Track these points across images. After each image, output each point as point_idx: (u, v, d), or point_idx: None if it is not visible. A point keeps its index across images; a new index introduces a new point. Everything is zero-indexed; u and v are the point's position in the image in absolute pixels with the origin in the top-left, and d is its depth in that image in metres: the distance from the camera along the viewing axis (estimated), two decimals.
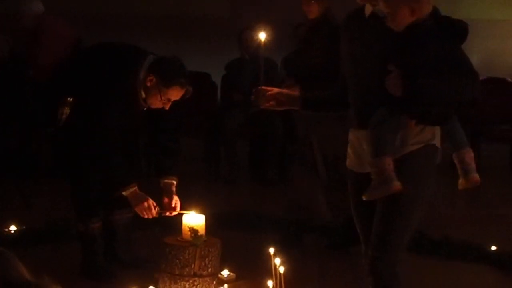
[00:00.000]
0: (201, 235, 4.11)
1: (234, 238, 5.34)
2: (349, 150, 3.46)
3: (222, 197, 5.53)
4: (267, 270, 4.21)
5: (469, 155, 3.43)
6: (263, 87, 3.64)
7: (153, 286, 4.25)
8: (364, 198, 3.31)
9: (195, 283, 4.07)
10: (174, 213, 4.53)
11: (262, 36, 4.58)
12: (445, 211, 6.61)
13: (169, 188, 4.62)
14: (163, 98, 4.42)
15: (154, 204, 4.47)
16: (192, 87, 4.49)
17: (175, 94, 4.43)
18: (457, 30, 3.25)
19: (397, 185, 3.17)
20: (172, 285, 4.09)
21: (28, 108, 7.19)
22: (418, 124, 3.23)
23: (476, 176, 3.46)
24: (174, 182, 4.64)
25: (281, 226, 5.44)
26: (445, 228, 5.84)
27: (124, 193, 4.45)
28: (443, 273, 4.92)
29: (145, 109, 4.57)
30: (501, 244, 5.31)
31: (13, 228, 5.45)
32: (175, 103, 4.51)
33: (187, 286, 4.07)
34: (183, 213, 4.32)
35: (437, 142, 3.33)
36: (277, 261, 4.14)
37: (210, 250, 4.12)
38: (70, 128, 4.55)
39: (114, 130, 4.46)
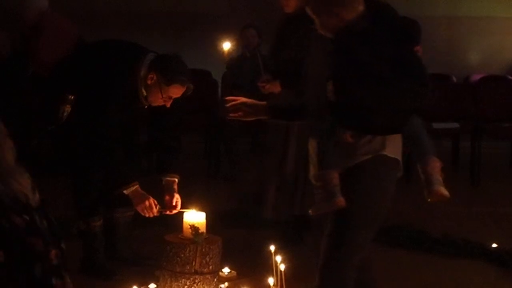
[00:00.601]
0: (202, 233, 4.11)
1: (235, 235, 5.34)
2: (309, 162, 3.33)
3: (223, 194, 5.53)
4: (268, 268, 4.22)
5: (432, 165, 3.17)
6: (228, 97, 3.51)
7: (154, 283, 4.25)
8: (310, 213, 3.18)
9: (196, 281, 4.07)
10: (175, 211, 4.52)
11: (226, 46, 4.57)
12: (446, 209, 6.60)
13: (170, 186, 4.61)
14: (164, 95, 4.41)
15: (155, 202, 4.46)
16: (193, 84, 4.49)
17: (176, 91, 4.43)
18: (404, 31, 3.02)
19: (340, 201, 3.02)
20: (173, 283, 4.09)
21: (29, 106, 7.18)
22: (358, 135, 3.03)
23: (440, 189, 3.18)
24: (176, 180, 4.63)
25: (281, 224, 5.43)
26: (445, 226, 5.85)
27: (125, 191, 4.44)
28: (443, 271, 4.92)
29: (146, 107, 4.56)
30: (502, 241, 5.31)
31: None
32: (177, 101, 4.51)
33: (187, 283, 4.07)
34: (184, 211, 4.32)
35: (391, 152, 3.10)
36: (278, 258, 4.14)
37: (211, 247, 4.12)
38: (71, 125, 4.55)
39: (115, 128, 4.46)
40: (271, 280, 4.13)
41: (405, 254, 5.26)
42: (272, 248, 4.23)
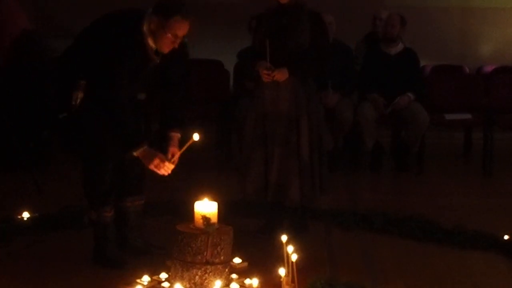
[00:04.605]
0: (214, 223, 4.11)
1: (247, 225, 5.34)
2: None
3: (234, 184, 5.53)
4: (279, 258, 4.22)
5: None
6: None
7: (165, 273, 4.26)
8: None
9: (207, 271, 4.08)
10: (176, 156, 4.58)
11: None
12: (458, 200, 6.59)
13: (173, 140, 4.67)
14: (169, 34, 4.41)
15: (164, 157, 4.49)
16: (204, 69, 4.48)
17: (179, 26, 4.42)
18: None
19: None
20: (184, 273, 4.09)
21: (41, 95, 7.19)
22: None
23: None
24: (178, 135, 4.69)
25: (292, 213, 5.41)
26: (457, 217, 5.83)
27: (135, 153, 4.47)
28: (455, 262, 4.90)
29: (158, 61, 4.57)
30: None
31: (26, 215, 5.46)
32: (184, 49, 4.49)
33: (199, 273, 4.07)
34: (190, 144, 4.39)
35: None
36: (290, 249, 4.14)
37: (222, 237, 4.12)
38: (83, 112, 4.53)
39: (127, 96, 4.47)
40: (282, 271, 4.13)
41: (416, 245, 5.25)
42: (284, 238, 4.23)
